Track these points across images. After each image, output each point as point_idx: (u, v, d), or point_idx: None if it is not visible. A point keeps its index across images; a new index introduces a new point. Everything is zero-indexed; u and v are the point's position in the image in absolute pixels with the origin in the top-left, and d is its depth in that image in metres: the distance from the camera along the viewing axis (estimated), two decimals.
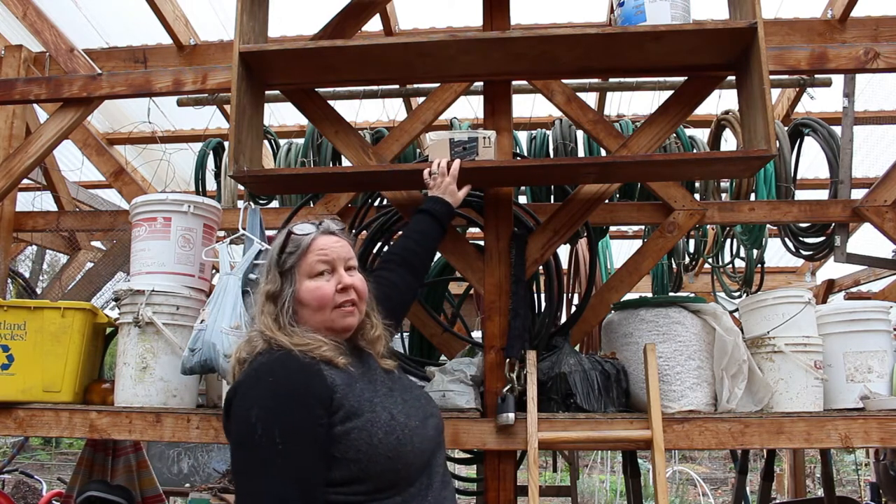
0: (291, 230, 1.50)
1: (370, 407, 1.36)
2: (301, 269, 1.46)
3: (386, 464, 1.31)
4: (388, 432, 1.33)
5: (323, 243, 1.49)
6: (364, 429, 1.32)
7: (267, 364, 1.36)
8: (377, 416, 1.35)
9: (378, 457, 1.31)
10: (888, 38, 3.35)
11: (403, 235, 2.03)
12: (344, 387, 1.35)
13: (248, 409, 1.29)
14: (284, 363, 1.35)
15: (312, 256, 1.47)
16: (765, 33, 2.01)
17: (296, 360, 1.36)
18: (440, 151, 2.15)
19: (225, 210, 2.98)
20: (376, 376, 1.47)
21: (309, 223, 1.53)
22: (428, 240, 1.99)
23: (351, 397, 1.34)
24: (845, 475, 9.69)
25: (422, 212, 2.02)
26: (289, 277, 1.46)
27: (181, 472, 6.12)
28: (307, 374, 1.34)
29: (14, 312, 2.48)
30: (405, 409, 1.42)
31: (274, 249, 1.49)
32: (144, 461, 3.20)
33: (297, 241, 1.48)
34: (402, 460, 1.33)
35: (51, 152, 3.31)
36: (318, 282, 1.46)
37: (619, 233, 5.57)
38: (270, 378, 1.33)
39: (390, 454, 1.32)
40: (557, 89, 2.58)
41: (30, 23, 3.22)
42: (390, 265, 1.89)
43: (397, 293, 1.83)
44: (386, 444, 1.32)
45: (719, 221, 3.25)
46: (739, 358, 2.20)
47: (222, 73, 2.81)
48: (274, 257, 1.49)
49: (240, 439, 1.30)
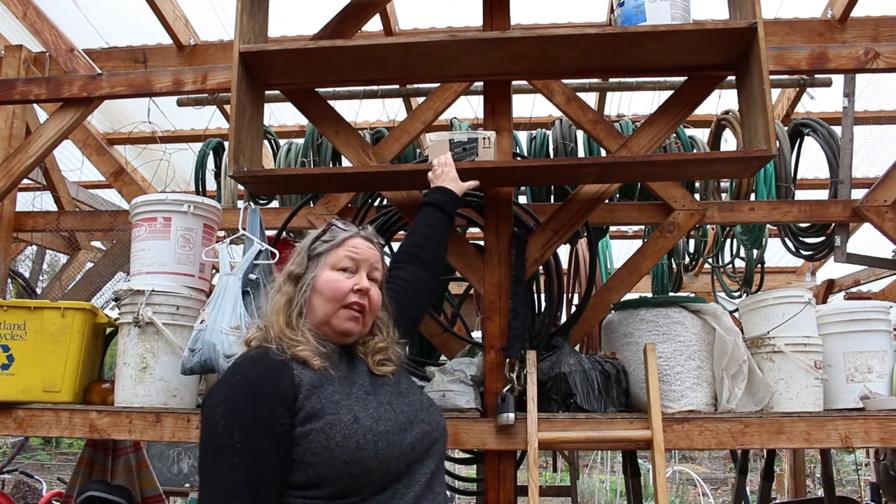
0: (334, 222, 1.55)
1: (334, 409, 1.31)
2: (329, 258, 1.48)
3: (342, 468, 1.26)
4: (346, 436, 1.28)
5: (357, 243, 1.50)
6: (322, 431, 1.28)
7: (241, 362, 1.37)
8: (338, 418, 1.30)
9: (334, 461, 1.26)
10: (888, 38, 3.35)
11: (410, 232, 1.95)
12: (310, 387, 1.32)
13: (214, 406, 1.29)
14: (256, 361, 1.35)
15: (343, 251, 1.49)
16: (765, 33, 2.01)
17: (268, 358, 1.35)
18: (440, 152, 2.15)
19: (225, 210, 2.99)
20: (357, 379, 1.42)
21: (353, 225, 1.56)
22: (436, 232, 1.91)
23: (315, 398, 1.31)
24: (845, 475, 9.69)
25: (426, 204, 1.96)
26: (315, 263, 1.48)
27: (181, 472, 6.12)
28: (275, 372, 1.32)
29: (14, 312, 2.48)
30: (377, 412, 1.36)
31: (310, 236, 1.53)
32: (144, 461, 3.20)
33: (335, 234, 1.51)
34: (360, 465, 1.27)
35: (51, 152, 3.31)
36: (339, 275, 1.46)
37: (619, 233, 5.57)
38: (239, 376, 1.33)
39: (347, 458, 1.26)
40: (557, 89, 2.58)
41: (30, 23, 3.22)
42: (400, 264, 1.83)
43: (410, 291, 1.77)
44: (343, 448, 1.27)
45: (719, 221, 3.25)
46: (739, 358, 2.20)
47: (222, 73, 2.81)
48: (308, 243, 1.51)
49: (203, 435, 1.29)
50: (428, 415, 1.47)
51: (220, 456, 1.25)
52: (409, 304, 1.74)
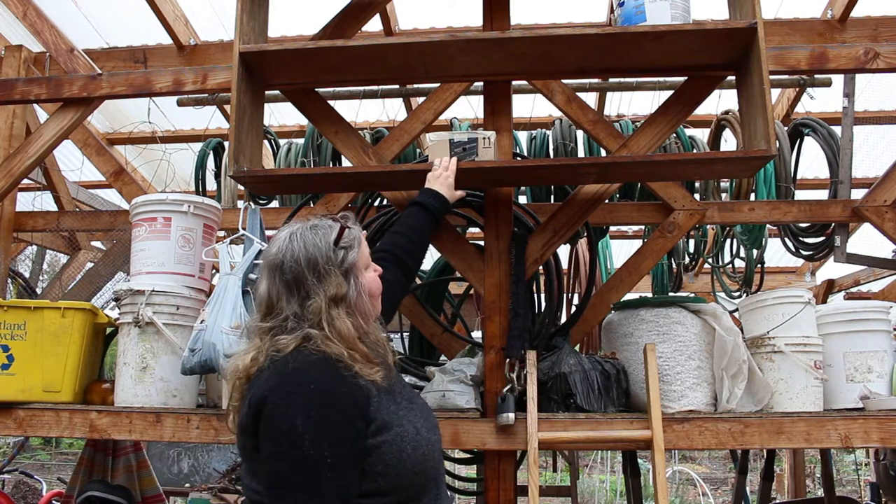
0: (344, 224, 1.44)
1: (398, 420, 1.33)
2: (361, 261, 1.44)
3: (412, 478, 1.31)
4: (415, 447, 1.32)
5: (360, 234, 1.50)
6: (394, 443, 1.30)
7: (304, 369, 1.30)
8: (405, 430, 1.33)
9: (405, 471, 1.30)
10: (888, 38, 3.35)
11: (395, 231, 1.96)
12: (377, 399, 1.32)
13: (292, 418, 1.23)
14: (324, 370, 1.30)
15: (364, 248, 1.48)
16: (765, 33, 2.01)
17: (333, 367, 1.31)
18: (440, 152, 2.15)
19: (225, 210, 2.98)
20: (395, 387, 1.43)
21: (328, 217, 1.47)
22: (421, 235, 1.95)
23: (382, 410, 1.32)
24: (845, 475, 9.69)
25: (416, 204, 1.98)
26: (351, 274, 1.41)
27: (181, 472, 6.12)
28: (348, 383, 1.30)
29: (14, 312, 2.48)
30: (425, 423, 1.41)
31: (323, 248, 1.39)
32: (145, 461, 3.20)
33: (351, 234, 1.44)
34: (425, 474, 1.34)
35: (51, 152, 3.31)
36: (371, 272, 1.48)
37: (619, 233, 5.57)
38: (312, 385, 1.27)
39: (416, 469, 1.31)
40: (557, 89, 2.58)
41: (30, 23, 3.22)
42: (384, 263, 1.80)
43: (388, 291, 1.74)
44: (413, 459, 1.31)
45: (719, 221, 3.25)
46: (739, 358, 2.20)
47: (222, 73, 2.81)
48: (329, 256, 1.38)
49: (283, 449, 1.23)
50: (435, 417, 1.52)
51: (309, 472, 1.21)
52: (387, 304, 1.73)
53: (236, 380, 1.38)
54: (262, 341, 1.37)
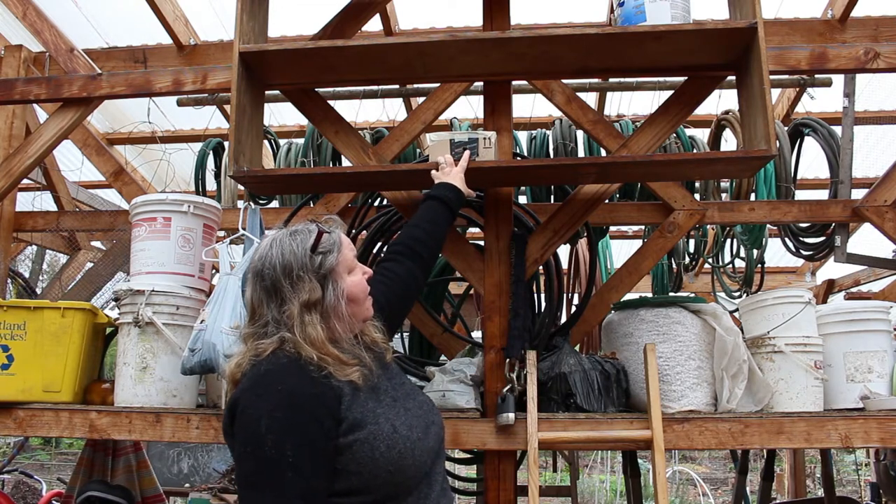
0: (322, 229, 1.43)
1: (373, 419, 1.32)
2: (341, 266, 1.42)
3: (387, 477, 1.29)
4: (389, 446, 1.30)
5: (345, 238, 1.48)
6: (366, 442, 1.29)
7: (274, 372, 1.31)
8: (380, 428, 1.31)
9: (379, 470, 1.29)
10: (888, 38, 3.35)
11: (412, 224, 1.90)
12: (350, 397, 1.32)
13: (257, 419, 1.24)
14: (292, 371, 1.31)
15: (347, 251, 1.45)
16: (765, 33, 2.01)
17: (304, 369, 1.31)
18: (440, 152, 2.15)
19: (225, 210, 2.98)
20: (381, 385, 1.43)
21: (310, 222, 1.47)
22: (438, 229, 1.88)
23: (355, 408, 1.31)
24: (845, 475, 9.69)
25: (432, 198, 1.92)
26: (329, 279, 1.39)
27: (181, 472, 6.12)
28: (318, 384, 1.30)
29: (14, 312, 2.48)
30: (408, 420, 1.38)
31: (299, 255, 1.38)
32: (144, 461, 3.20)
33: (331, 239, 1.43)
34: (402, 473, 1.32)
35: (51, 152, 3.31)
36: (356, 275, 1.46)
37: (619, 233, 5.57)
38: (280, 386, 1.28)
39: (391, 468, 1.30)
40: (557, 89, 2.58)
41: (30, 23, 3.22)
42: (398, 257, 1.79)
43: (401, 286, 1.74)
44: (387, 458, 1.30)
45: (719, 221, 3.25)
46: (739, 358, 2.20)
47: (222, 73, 2.81)
48: (305, 262, 1.38)
49: (247, 450, 1.25)
50: (435, 415, 1.51)
51: (271, 472, 1.22)
52: (399, 300, 1.73)
53: (228, 385, 1.42)
54: (246, 346, 1.40)
